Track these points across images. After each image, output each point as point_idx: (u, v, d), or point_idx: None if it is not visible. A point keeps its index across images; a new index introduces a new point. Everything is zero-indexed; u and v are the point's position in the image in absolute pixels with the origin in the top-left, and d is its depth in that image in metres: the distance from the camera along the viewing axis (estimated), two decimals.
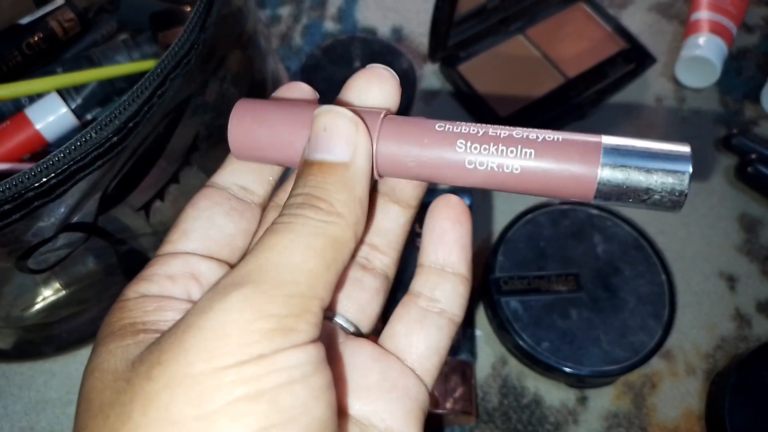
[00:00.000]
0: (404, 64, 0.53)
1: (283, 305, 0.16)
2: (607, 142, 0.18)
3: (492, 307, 0.43)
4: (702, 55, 0.54)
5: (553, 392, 0.43)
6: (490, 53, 0.55)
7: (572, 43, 0.56)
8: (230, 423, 0.15)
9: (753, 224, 0.50)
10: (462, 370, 0.41)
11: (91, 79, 0.39)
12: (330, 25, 0.59)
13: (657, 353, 0.42)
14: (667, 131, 0.54)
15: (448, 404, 0.39)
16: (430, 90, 0.55)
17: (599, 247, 0.45)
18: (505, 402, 0.43)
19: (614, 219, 0.46)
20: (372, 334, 0.22)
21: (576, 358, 0.41)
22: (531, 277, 0.44)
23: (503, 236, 0.45)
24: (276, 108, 0.20)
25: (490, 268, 0.44)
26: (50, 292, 0.36)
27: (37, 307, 0.36)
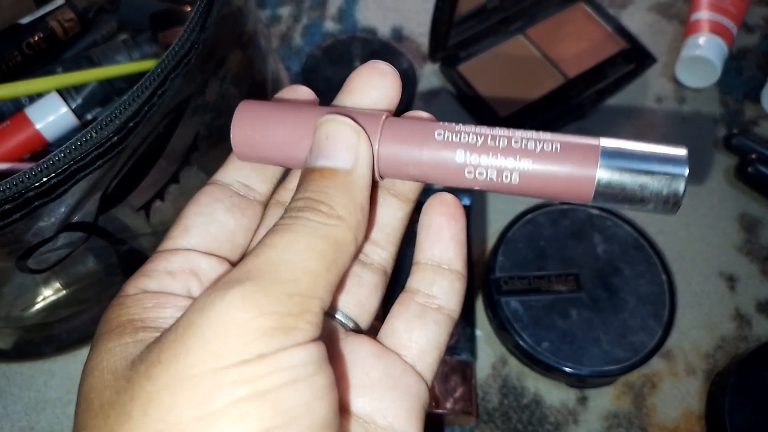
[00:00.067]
0: (404, 64, 0.53)
1: (283, 303, 0.16)
2: (605, 144, 0.18)
3: (492, 307, 0.43)
4: (702, 55, 0.54)
5: (553, 392, 0.43)
6: (490, 53, 0.55)
7: (572, 43, 0.56)
8: (232, 424, 0.15)
9: (753, 224, 0.50)
10: (462, 370, 0.41)
11: (91, 79, 0.39)
12: (330, 25, 0.59)
13: (657, 353, 0.42)
14: (667, 131, 0.54)
15: (448, 404, 0.39)
16: (430, 90, 0.55)
17: (599, 247, 0.45)
18: (505, 402, 0.43)
19: (614, 219, 0.46)
20: (369, 331, 0.22)
21: (576, 358, 0.41)
22: (531, 277, 0.44)
23: (503, 236, 0.45)
24: (278, 109, 0.20)
25: (490, 268, 0.44)
26: (50, 292, 0.36)
27: (37, 307, 0.36)
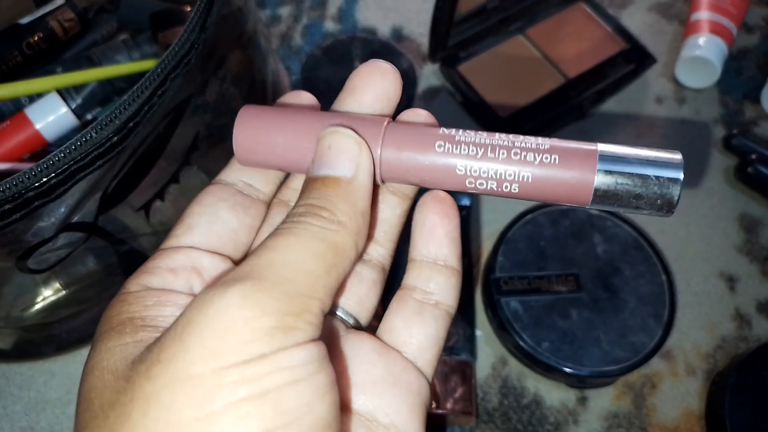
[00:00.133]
0: (404, 64, 0.53)
1: (283, 302, 0.16)
2: (603, 149, 0.19)
3: (492, 308, 0.43)
4: (702, 56, 0.54)
5: (553, 392, 0.43)
6: (490, 53, 0.55)
7: (572, 43, 0.56)
8: (233, 425, 0.15)
9: (753, 224, 0.50)
10: (462, 370, 0.41)
11: (91, 79, 0.39)
12: (330, 25, 0.59)
13: (657, 353, 0.42)
14: (667, 132, 0.54)
15: (448, 404, 0.39)
16: (430, 90, 0.55)
17: (599, 248, 0.45)
18: (505, 402, 0.43)
19: (614, 219, 0.46)
20: (368, 329, 0.23)
21: (576, 358, 0.41)
22: (531, 278, 0.44)
23: (503, 236, 0.45)
24: (280, 115, 0.20)
25: (490, 268, 0.44)
26: (50, 292, 0.36)
27: (37, 307, 0.36)
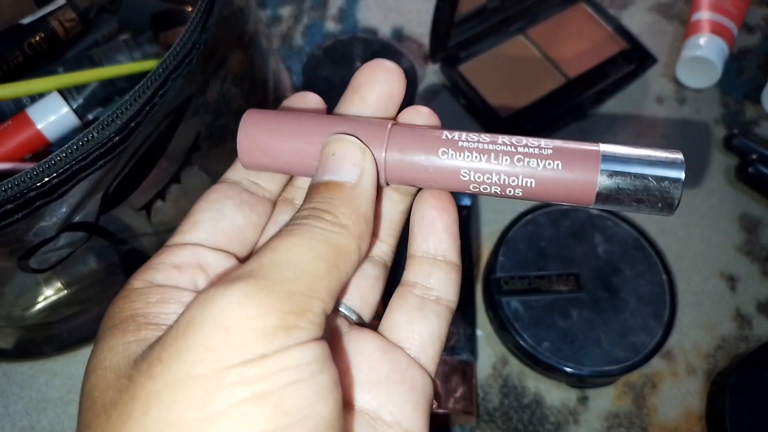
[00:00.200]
0: (405, 64, 0.53)
1: (285, 301, 0.16)
2: (605, 150, 0.19)
3: (492, 307, 0.43)
4: (703, 56, 0.54)
5: (553, 392, 0.43)
6: (490, 53, 0.55)
7: (573, 43, 0.56)
8: (234, 426, 0.15)
9: (753, 224, 0.50)
10: (463, 370, 0.41)
11: (93, 79, 0.39)
12: (331, 25, 0.59)
13: (657, 353, 0.42)
14: (668, 132, 0.54)
15: (448, 404, 0.40)
16: (430, 90, 0.55)
17: (600, 247, 0.45)
18: (506, 402, 0.43)
19: (615, 219, 0.46)
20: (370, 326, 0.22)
21: (577, 358, 0.41)
22: (531, 277, 0.44)
23: (503, 236, 0.45)
24: (284, 119, 0.20)
25: (490, 268, 0.44)
26: (51, 292, 0.36)
27: (38, 306, 0.36)
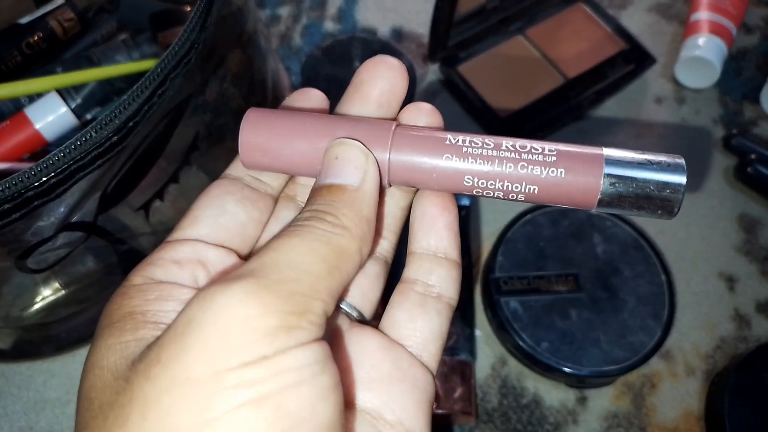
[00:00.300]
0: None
1: (285, 300, 0.16)
2: (608, 155, 0.19)
3: (492, 308, 0.43)
4: (702, 56, 0.54)
5: (552, 392, 0.43)
6: (489, 53, 0.55)
7: (572, 43, 0.56)
8: (232, 430, 0.14)
9: (752, 225, 0.50)
10: (462, 370, 0.41)
11: (91, 79, 0.39)
12: (330, 25, 0.59)
13: (656, 353, 0.42)
14: (667, 132, 0.54)
15: (447, 404, 0.39)
16: (430, 90, 0.55)
17: (599, 248, 0.45)
18: (505, 402, 0.43)
19: (614, 219, 0.46)
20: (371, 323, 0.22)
21: (575, 358, 0.41)
22: (531, 278, 0.44)
23: (503, 236, 0.45)
24: (286, 119, 0.20)
25: (489, 268, 0.44)
26: (50, 292, 0.36)
27: (36, 306, 0.36)
